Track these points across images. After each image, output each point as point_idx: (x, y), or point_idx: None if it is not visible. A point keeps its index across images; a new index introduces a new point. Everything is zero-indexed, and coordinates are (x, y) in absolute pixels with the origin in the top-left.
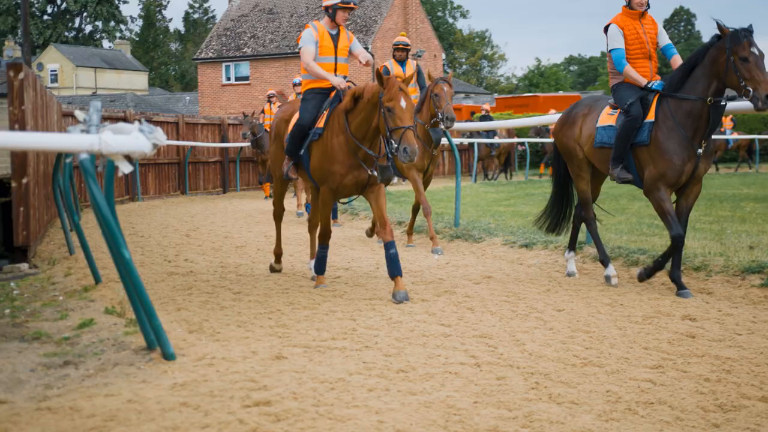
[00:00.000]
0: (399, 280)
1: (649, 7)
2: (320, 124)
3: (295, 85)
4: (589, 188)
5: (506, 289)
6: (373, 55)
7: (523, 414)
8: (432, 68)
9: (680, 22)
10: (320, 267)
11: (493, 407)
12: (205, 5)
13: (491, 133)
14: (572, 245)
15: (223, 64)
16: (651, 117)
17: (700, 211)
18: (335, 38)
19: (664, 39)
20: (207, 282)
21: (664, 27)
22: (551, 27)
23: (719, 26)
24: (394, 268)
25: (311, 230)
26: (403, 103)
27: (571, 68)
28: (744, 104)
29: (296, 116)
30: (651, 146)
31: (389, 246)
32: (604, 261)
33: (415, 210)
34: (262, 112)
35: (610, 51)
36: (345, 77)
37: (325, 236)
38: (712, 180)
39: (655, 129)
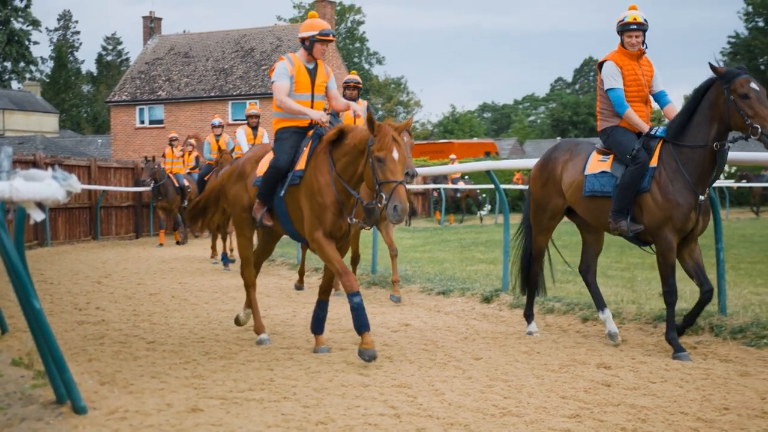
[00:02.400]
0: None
1: (647, 48)
2: (300, 166)
3: (214, 126)
4: (547, 244)
5: (424, 337)
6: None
7: None
8: None
9: (589, 72)
10: (360, 319)
11: None
12: (119, 47)
13: None
14: (600, 303)
15: (137, 107)
16: (653, 162)
17: (611, 258)
18: (312, 73)
19: (659, 85)
20: (119, 331)
21: (574, 77)
22: (465, 74)
23: (713, 67)
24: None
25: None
26: (395, 155)
27: (485, 115)
28: (748, 155)
29: (268, 157)
30: (653, 191)
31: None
32: (529, 317)
33: (354, 261)
34: (163, 156)
35: (607, 90)
36: (325, 110)
37: (350, 280)
38: None
39: (657, 173)
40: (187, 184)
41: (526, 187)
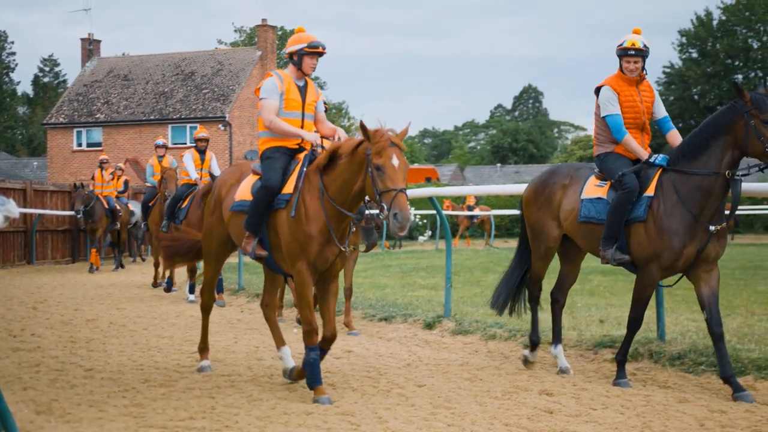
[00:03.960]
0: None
1: (647, 73)
2: (287, 189)
3: (157, 146)
4: (545, 270)
5: (367, 364)
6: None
7: None
8: None
9: (528, 99)
10: (313, 375)
11: None
12: (56, 69)
13: None
14: (556, 337)
15: (75, 130)
16: (650, 191)
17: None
18: (303, 91)
19: (661, 110)
20: (56, 358)
21: (514, 104)
22: (406, 100)
23: (738, 88)
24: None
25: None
26: (395, 161)
27: (426, 141)
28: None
29: (247, 181)
30: (648, 223)
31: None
32: (535, 343)
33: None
34: (92, 178)
35: (605, 117)
36: (316, 132)
37: (312, 334)
38: None
39: (654, 204)
40: (118, 208)
41: (458, 213)
